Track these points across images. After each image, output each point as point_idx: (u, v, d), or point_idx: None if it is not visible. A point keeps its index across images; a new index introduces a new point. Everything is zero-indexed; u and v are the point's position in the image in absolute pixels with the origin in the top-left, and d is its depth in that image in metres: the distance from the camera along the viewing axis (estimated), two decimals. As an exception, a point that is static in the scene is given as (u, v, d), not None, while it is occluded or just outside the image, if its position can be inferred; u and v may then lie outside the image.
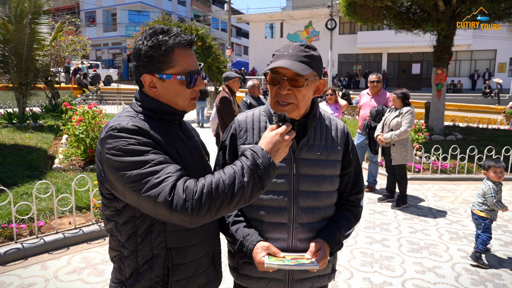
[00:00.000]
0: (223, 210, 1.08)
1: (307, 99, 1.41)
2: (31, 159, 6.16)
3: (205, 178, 1.10)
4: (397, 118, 4.99)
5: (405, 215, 5.00)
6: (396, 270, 3.50)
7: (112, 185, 1.15)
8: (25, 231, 3.77)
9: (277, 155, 1.18)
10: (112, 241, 1.27)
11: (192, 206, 1.03)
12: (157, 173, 1.07)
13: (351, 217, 1.55)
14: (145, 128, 1.16)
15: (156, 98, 1.25)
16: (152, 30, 1.22)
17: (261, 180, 1.12)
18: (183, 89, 1.25)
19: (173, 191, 1.04)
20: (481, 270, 3.52)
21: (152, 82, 1.23)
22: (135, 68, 1.24)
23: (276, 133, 1.19)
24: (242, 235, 1.41)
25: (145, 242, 1.21)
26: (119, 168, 1.10)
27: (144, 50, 1.19)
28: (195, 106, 1.32)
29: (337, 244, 1.44)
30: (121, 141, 1.11)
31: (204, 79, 18.86)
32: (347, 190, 1.57)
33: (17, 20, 9.12)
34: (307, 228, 1.44)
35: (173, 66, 1.21)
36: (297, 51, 1.37)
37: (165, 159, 1.12)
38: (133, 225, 1.20)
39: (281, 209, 1.43)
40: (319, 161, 1.46)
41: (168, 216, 1.05)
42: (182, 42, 1.21)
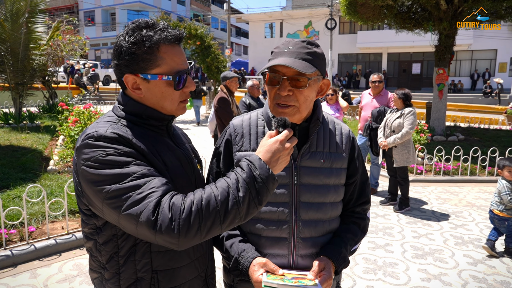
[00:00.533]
0: (215, 230, 0.95)
1: (310, 101, 1.27)
2: (26, 161, 6.02)
3: (194, 194, 0.96)
4: (399, 119, 4.86)
5: (408, 219, 4.87)
6: (400, 278, 3.37)
7: (89, 201, 1.02)
8: (15, 236, 3.63)
9: (277, 166, 1.05)
10: (92, 262, 1.14)
11: (179, 227, 0.90)
12: (139, 187, 0.94)
13: (358, 230, 1.41)
14: (126, 136, 1.02)
15: (140, 101, 1.12)
16: (135, 24, 1.08)
17: (259, 194, 0.98)
18: (171, 91, 1.10)
19: (158, 209, 0.91)
20: (489, 277, 3.40)
21: (136, 83, 1.09)
22: (116, 68, 1.10)
23: (275, 140, 1.05)
24: (237, 251, 1.27)
25: (128, 264, 1.07)
26: (96, 182, 0.96)
27: (126, 46, 1.05)
28: (185, 110, 1.18)
29: (343, 262, 1.30)
30: (99, 151, 0.98)
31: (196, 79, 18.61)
32: (352, 201, 1.43)
33: (13, 19, 8.98)
34: (309, 243, 1.31)
35: (158, 65, 1.07)
36: (299, 48, 1.23)
37: (149, 172, 0.98)
38: (114, 244, 1.07)
39: (281, 223, 1.30)
40: (322, 169, 1.32)
41: (151, 237, 0.92)
42: (168, 38, 1.07)
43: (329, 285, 1.22)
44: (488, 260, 3.73)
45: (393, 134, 4.91)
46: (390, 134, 4.95)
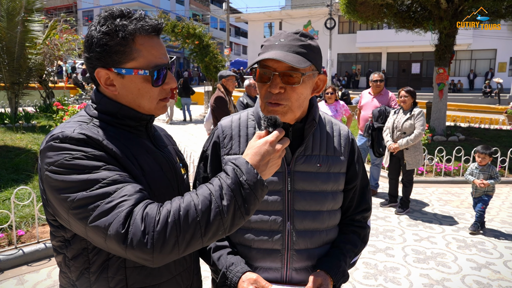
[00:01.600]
0: (196, 244, 0.83)
1: (304, 99, 1.14)
2: (19, 162, 5.90)
3: (171, 203, 0.84)
4: (410, 120, 4.71)
5: (409, 221, 4.75)
6: (402, 283, 3.26)
7: (55, 211, 0.90)
8: (3, 240, 3.51)
9: (267, 170, 0.92)
10: (62, 279, 1.02)
11: (153, 241, 0.78)
12: (109, 195, 0.82)
13: (358, 240, 1.30)
14: (96, 137, 0.90)
15: (115, 99, 0.99)
16: (108, 13, 0.96)
17: (245, 203, 0.86)
18: (149, 88, 0.98)
19: (129, 220, 0.79)
20: (493, 283, 3.28)
21: (109, 78, 0.97)
22: (87, 61, 0.97)
23: (265, 141, 0.93)
24: (225, 264, 1.16)
25: (100, 281, 0.95)
26: (61, 189, 0.85)
27: (97, 37, 0.93)
28: (166, 109, 1.06)
29: (342, 277, 1.19)
30: (64, 154, 0.86)
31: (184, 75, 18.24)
32: (352, 208, 1.32)
33: (9, 17, 8.87)
34: (305, 256, 1.19)
35: (134, 58, 0.95)
36: (291, 40, 1.10)
37: (121, 177, 0.86)
38: (85, 259, 0.95)
39: (273, 233, 1.18)
40: (319, 174, 1.20)
41: (122, 252, 0.80)
42: (145, 28, 0.95)
43: None
44: (492, 265, 3.62)
45: (404, 136, 4.76)
46: (401, 136, 4.77)
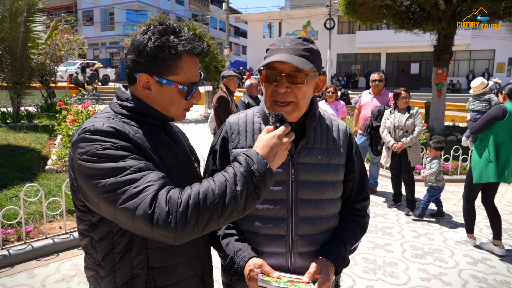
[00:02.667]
0: (213, 225, 0.94)
1: (307, 98, 1.25)
2: (23, 160, 5.99)
3: (191, 188, 0.95)
4: (411, 119, 4.82)
5: (407, 218, 4.85)
6: (400, 278, 3.36)
7: (85, 196, 1.00)
8: (12, 236, 3.60)
9: (275, 160, 1.04)
10: (88, 260, 1.13)
11: (176, 220, 0.88)
12: (136, 181, 0.92)
13: (358, 228, 1.39)
14: (123, 130, 1.01)
15: (145, 101, 1.11)
16: (163, 27, 1.06)
17: (257, 189, 0.97)
18: (180, 99, 1.11)
19: (154, 202, 0.89)
20: (489, 277, 3.38)
21: (148, 83, 1.08)
22: (132, 63, 1.08)
23: (273, 135, 1.04)
24: (233, 250, 1.26)
25: (124, 261, 1.05)
26: (92, 176, 0.95)
27: (150, 47, 1.04)
28: (185, 117, 1.19)
29: (342, 262, 1.28)
30: (95, 145, 0.96)
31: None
32: (351, 197, 1.41)
33: (11, 18, 8.96)
34: (308, 241, 1.29)
35: (177, 73, 1.07)
36: (295, 44, 1.21)
37: (146, 166, 0.97)
38: (110, 241, 1.05)
39: (278, 220, 1.27)
40: (320, 165, 1.30)
41: (148, 231, 0.90)
42: (193, 50, 1.07)
43: (328, 287, 1.20)
44: (488, 260, 3.72)
45: (407, 134, 4.86)
46: (403, 135, 4.86)
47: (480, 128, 3.83)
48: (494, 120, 3.76)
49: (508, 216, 5.05)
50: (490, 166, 3.78)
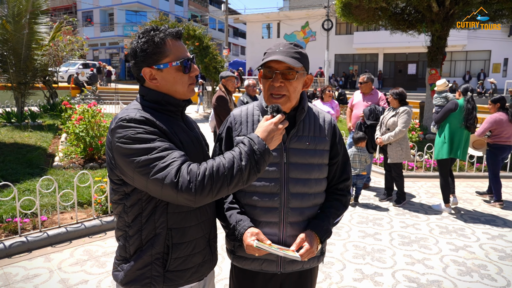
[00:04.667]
0: (224, 191, 1.21)
1: (298, 92, 1.54)
2: (32, 157, 6.26)
3: (207, 163, 1.22)
4: (394, 117, 5.12)
5: (397, 211, 5.15)
6: (387, 262, 3.64)
7: (122, 171, 1.27)
8: (28, 225, 3.88)
9: (272, 142, 1.31)
10: (119, 222, 1.40)
11: (196, 187, 1.16)
12: (163, 158, 1.19)
13: (340, 205, 1.67)
14: (151, 119, 1.28)
15: (158, 90, 1.38)
16: (143, 29, 1.37)
17: (257, 164, 1.24)
18: (181, 75, 1.37)
19: (178, 173, 1.17)
20: (468, 261, 3.68)
21: (152, 74, 1.35)
22: (134, 65, 1.36)
23: (270, 122, 1.32)
24: (235, 220, 1.53)
25: (149, 222, 1.33)
26: (129, 154, 1.22)
27: (140, 47, 1.33)
28: (194, 92, 1.46)
29: (325, 233, 1.56)
30: (130, 130, 1.24)
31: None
32: (335, 178, 1.69)
33: (15, 19, 9.18)
34: (297, 212, 1.57)
35: (167, 56, 1.34)
36: (288, 48, 1.50)
37: (170, 146, 1.24)
38: (139, 207, 1.33)
39: (273, 195, 1.55)
40: (307, 150, 1.58)
41: (174, 196, 1.17)
42: (171, 33, 1.35)
43: (311, 253, 1.48)
44: (469, 247, 4.02)
45: (388, 131, 5.17)
46: (386, 132, 5.21)
47: (440, 118, 5.04)
48: (450, 112, 4.96)
49: (492, 208, 5.34)
50: (444, 146, 4.99)
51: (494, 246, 4.06)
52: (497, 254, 3.86)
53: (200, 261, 1.44)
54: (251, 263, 1.59)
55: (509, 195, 6.02)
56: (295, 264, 1.59)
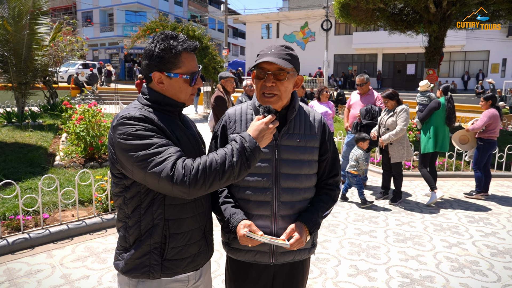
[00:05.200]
0: (216, 185, 1.30)
1: (288, 92, 1.63)
2: (33, 157, 6.34)
3: (201, 158, 1.31)
4: (392, 117, 5.19)
5: (393, 209, 5.23)
6: (381, 258, 3.73)
7: (122, 165, 1.36)
8: (30, 222, 3.96)
9: (262, 141, 1.40)
10: (120, 214, 1.49)
11: (190, 180, 1.24)
12: (160, 153, 1.28)
13: (329, 199, 1.75)
14: (150, 117, 1.38)
15: (161, 92, 1.47)
16: (164, 35, 1.44)
17: (248, 160, 1.33)
18: (186, 86, 1.48)
19: (174, 167, 1.26)
20: (461, 258, 3.76)
21: (160, 78, 1.44)
22: (146, 66, 1.45)
23: (261, 122, 1.41)
24: (230, 213, 1.62)
25: (147, 214, 1.42)
26: (128, 150, 1.31)
27: (157, 52, 1.41)
28: (193, 100, 1.55)
29: (314, 225, 1.64)
30: (130, 128, 1.33)
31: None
32: (325, 174, 1.77)
33: (16, 20, 9.25)
34: (288, 206, 1.65)
35: (180, 67, 1.44)
36: (279, 50, 1.59)
37: (167, 142, 1.33)
38: (138, 199, 1.42)
39: (265, 189, 1.64)
40: (298, 147, 1.66)
41: (170, 188, 1.26)
42: (189, 48, 1.44)
43: (300, 243, 1.56)
44: (462, 244, 4.10)
45: (388, 131, 5.24)
46: (385, 132, 5.27)
47: (425, 117, 5.56)
48: (434, 110, 5.47)
49: (486, 207, 5.43)
50: (430, 141, 5.51)
51: (487, 243, 4.14)
52: (489, 250, 3.95)
53: (196, 252, 1.52)
54: (245, 255, 1.67)
55: (504, 193, 6.10)
56: (286, 255, 1.67)
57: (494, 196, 5.93)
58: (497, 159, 7.32)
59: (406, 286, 3.23)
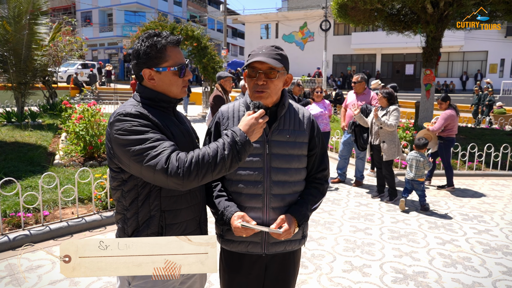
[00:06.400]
0: (208, 177, 1.37)
1: (278, 89, 1.71)
2: (33, 156, 6.40)
3: (194, 151, 1.38)
4: (385, 116, 5.28)
5: (388, 207, 5.30)
6: (375, 255, 3.80)
7: (119, 159, 1.43)
8: (31, 220, 4.03)
9: (253, 135, 1.47)
10: (118, 206, 1.55)
11: (183, 172, 1.31)
12: (155, 148, 1.35)
13: (318, 193, 1.82)
14: (145, 113, 1.44)
15: (153, 89, 1.54)
16: (147, 34, 1.53)
17: (239, 153, 1.40)
18: (176, 79, 1.54)
19: (168, 160, 1.32)
20: (454, 254, 3.83)
21: (151, 75, 1.52)
22: (136, 66, 1.53)
23: (252, 117, 1.48)
24: (223, 206, 1.69)
25: (144, 205, 1.49)
26: (125, 144, 1.37)
27: (143, 50, 1.49)
28: (186, 93, 1.62)
29: (303, 218, 1.72)
30: (126, 124, 1.40)
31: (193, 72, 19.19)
32: (314, 168, 1.84)
33: (15, 20, 9.31)
34: (279, 199, 1.72)
35: (167, 61, 1.50)
36: (270, 51, 1.67)
37: (161, 137, 1.40)
38: (135, 191, 1.48)
39: (256, 183, 1.71)
40: (288, 142, 1.74)
41: (164, 180, 1.33)
42: (172, 41, 1.52)
43: (288, 234, 1.63)
44: (455, 241, 4.17)
45: (381, 130, 5.32)
46: (378, 131, 5.37)
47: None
48: None
49: (480, 205, 5.50)
50: None
51: (480, 240, 4.22)
52: (482, 247, 4.02)
53: None
54: (238, 246, 1.74)
55: (499, 192, 6.18)
56: (277, 245, 1.75)
57: (488, 194, 6.01)
58: (492, 158, 7.40)
59: (399, 281, 3.30)
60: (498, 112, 15.84)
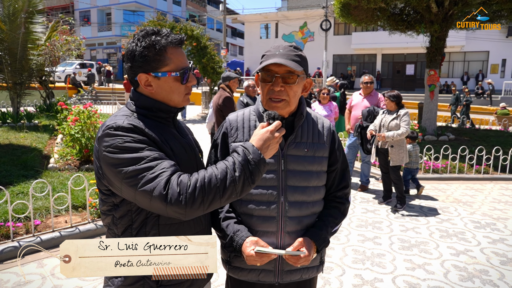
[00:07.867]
0: (216, 203, 1.14)
1: (298, 96, 1.47)
2: (26, 159, 6.17)
3: (198, 173, 1.14)
4: (395, 120, 5.04)
5: (396, 214, 5.08)
6: (387, 267, 3.58)
7: (109, 181, 1.20)
8: (21, 229, 3.80)
9: (268, 151, 1.23)
10: (108, 235, 1.33)
11: (186, 199, 1.08)
12: (152, 168, 1.12)
13: (338, 213, 1.60)
14: (140, 126, 1.21)
15: (151, 97, 1.30)
16: (144, 32, 1.27)
17: (252, 175, 1.17)
18: (178, 85, 1.30)
19: (168, 185, 1.09)
20: (469, 266, 3.62)
21: (148, 80, 1.27)
22: (130, 69, 1.28)
23: (266, 130, 1.24)
24: (233, 230, 1.46)
25: (139, 235, 1.25)
26: (116, 164, 1.14)
27: (139, 51, 1.24)
28: (189, 101, 1.38)
29: (323, 242, 1.49)
30: (118, 139, 1.16)
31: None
32: (334, 186, 1.62)
33: (11, 19, 9.10)
34: (295, 222, 1.50)
35: (167, 64, 1.26)
36: (288, 51, 1.43)
37: (159, 155, 1.16)
38: (129, 218, 1.25)
39: (270, 203, 1.48)
40: (306, 157, 1.51)
41: (163, 209, 1.10)
42: (173, 41, 1.27)
43: (307, 260, 1.41)
44: (470, 252, 3.96)
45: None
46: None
47: None
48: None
49: (492, 211, 5.29)
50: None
51: (495, 250, 4.00)
52: (498, 259, 3.80)
53: None
54: (248, 274, 1.52)
55: (509, 197, 5.97)
56: (293, 274, 1.53)
57: (499, 200, 5.80)
58: (501, 161, 7.19)
59: (414, 297, 3.08)
60: (501, 113, 15.64)
